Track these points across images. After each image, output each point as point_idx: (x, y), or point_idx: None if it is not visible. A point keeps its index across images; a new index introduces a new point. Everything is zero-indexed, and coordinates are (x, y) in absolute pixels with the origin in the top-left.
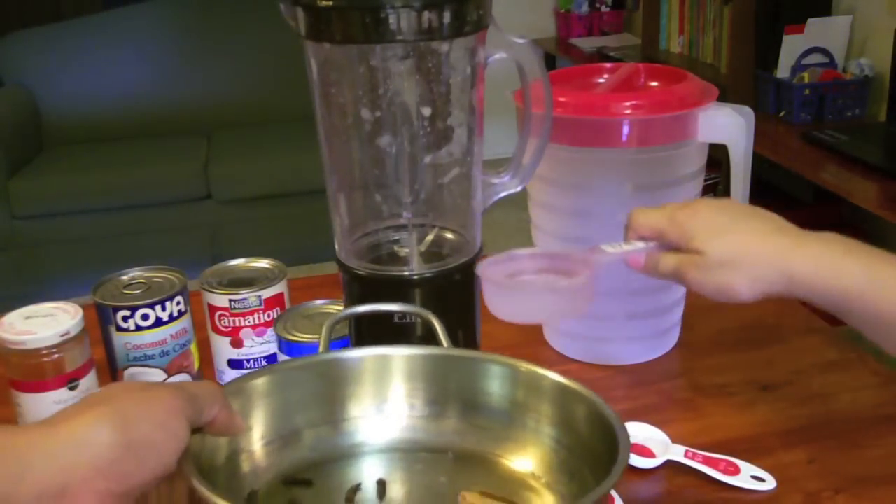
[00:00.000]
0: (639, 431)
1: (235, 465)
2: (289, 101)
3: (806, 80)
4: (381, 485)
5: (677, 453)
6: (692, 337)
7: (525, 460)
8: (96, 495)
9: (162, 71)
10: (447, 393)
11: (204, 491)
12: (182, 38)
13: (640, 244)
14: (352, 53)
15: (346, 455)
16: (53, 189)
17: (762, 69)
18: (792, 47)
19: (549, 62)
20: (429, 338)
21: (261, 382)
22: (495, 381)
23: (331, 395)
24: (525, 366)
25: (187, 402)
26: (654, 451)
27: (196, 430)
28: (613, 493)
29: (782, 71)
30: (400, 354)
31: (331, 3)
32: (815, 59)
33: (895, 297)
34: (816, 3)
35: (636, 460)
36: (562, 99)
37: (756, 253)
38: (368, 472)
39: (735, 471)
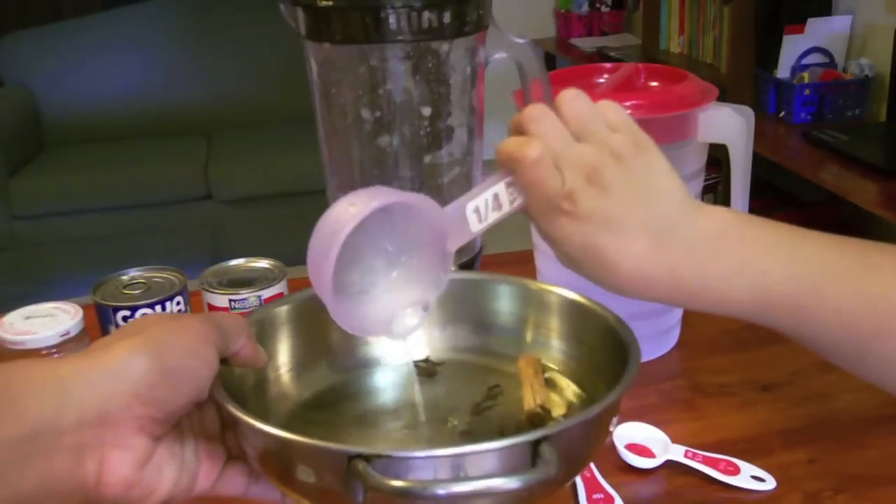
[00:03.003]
0: (639, 431)
1: (262, 391)
2: (289, 101)
3: (806, 80)
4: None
5: (677, 453)
6: (692, 337)
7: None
8: (136, 421)
9: (162, 71)
10: (458, 314)
11: (235, 412)
12: (182, 38)
13: (506, 204)
14: (352, 53)
15: (370, 371)
16: (53, 189)
17: (762, 69)
18: (792, 47)
19: (549, 62)
20: None
21: (281, 311)
22: (504, 300)
23: None
24: (535, 284)
25: (216, 331)
26: (654, 451)
27: (222, 361)
28: (613, 492)
29: (782, 71)
30: None
31: (331, 3)
32: (815, 59)
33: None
34: (816, 3)
35: (636, 460)
36: None
37: (633, 289)
38: (395, 382)
39: (735, 471)
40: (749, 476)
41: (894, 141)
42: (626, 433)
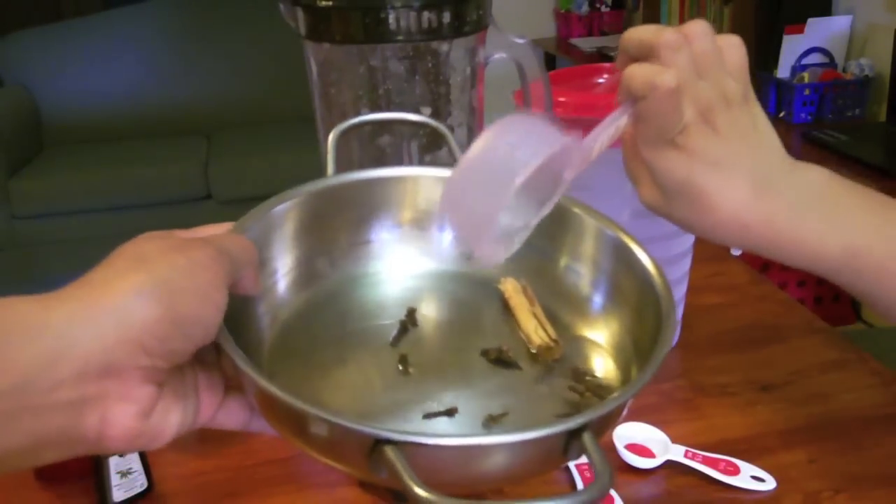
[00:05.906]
0: (639, 431)
1: (254, 302)
2: (289, 101)
3: (806, 80)
4: (412, 314)
5: (677, 453)
6: (692, 337)
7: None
8: (142, 371)
9: (162, 71)
10: None
11: (256, 378)
12: (182, 38)
13: (620, 129)
14: (352, 53)
15: (374, 281)
16: (53, 189)
17: (762, 69)
18: (792, 47)
19: (549, 62)
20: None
21: (280, 212)
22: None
23: (356, 217)
24: (579, 205)
25: (229, 269)
26: (654, 451)
27: None
28: (613, 492)
29: (782, 71)
30: (428, 175)
31: (331, 3)
32: (815, 59)
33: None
34: (816, 3)
35: (636, 460)
36: (562, 99)
37: (733, 230)
38: (399, 298)
39: (735, 471)
40: (749, 476)
41: (894, 141)
42: (626, 433)
